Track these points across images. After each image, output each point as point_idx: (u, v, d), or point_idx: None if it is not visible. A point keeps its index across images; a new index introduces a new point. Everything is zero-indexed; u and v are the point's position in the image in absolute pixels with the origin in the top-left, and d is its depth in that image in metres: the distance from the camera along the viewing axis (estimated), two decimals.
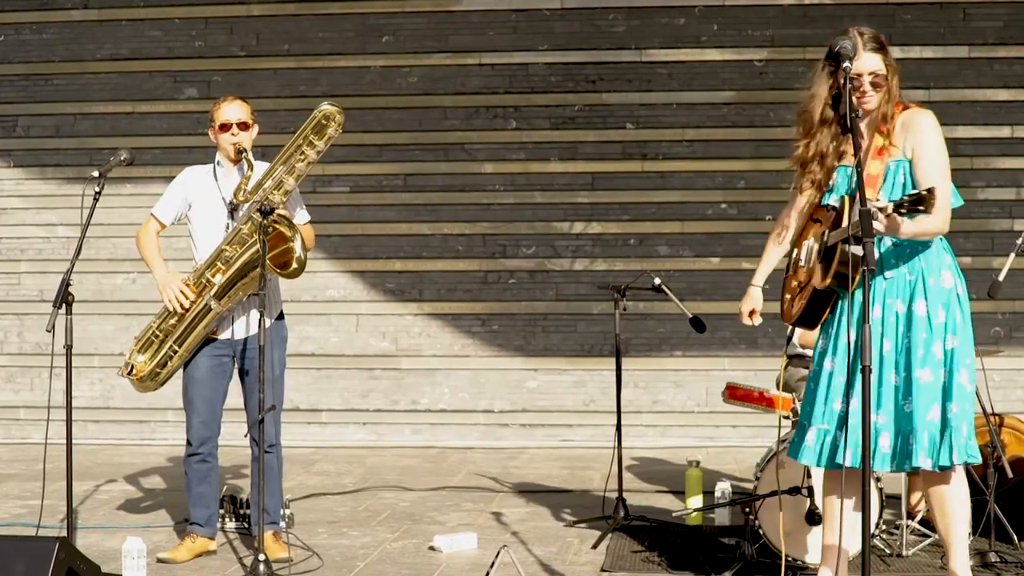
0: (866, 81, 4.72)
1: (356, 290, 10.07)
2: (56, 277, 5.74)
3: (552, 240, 9.93)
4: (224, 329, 6.07)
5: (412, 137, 10.02)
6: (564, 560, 5.99)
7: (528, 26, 9.95)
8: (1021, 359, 9.45)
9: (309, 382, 9.99)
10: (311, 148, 5.91)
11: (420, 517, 7.06)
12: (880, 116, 4.73)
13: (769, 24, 9.73)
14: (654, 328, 9.77)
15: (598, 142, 9.90)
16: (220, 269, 5.93)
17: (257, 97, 9.41)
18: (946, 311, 4.67)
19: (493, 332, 9.97)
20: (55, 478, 6.86)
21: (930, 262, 4.70)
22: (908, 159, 4.67)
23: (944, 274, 4.71)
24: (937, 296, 4.67)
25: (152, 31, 10.19)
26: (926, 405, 4.60)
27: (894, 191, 4.66)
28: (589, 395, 9.85)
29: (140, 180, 9.86)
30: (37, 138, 10.29)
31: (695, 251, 9.80)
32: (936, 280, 4.69)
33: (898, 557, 5.80)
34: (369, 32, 10.07)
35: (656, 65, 9.85)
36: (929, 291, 4.67)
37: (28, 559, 4.80)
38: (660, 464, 8.86)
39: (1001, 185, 9.60)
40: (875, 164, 4.69)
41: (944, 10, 9.64)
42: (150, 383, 6.11)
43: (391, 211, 10.03)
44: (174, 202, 6.14)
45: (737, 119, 9.79)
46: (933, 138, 4.67)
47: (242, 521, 6.57)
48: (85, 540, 6.30)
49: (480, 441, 9.85)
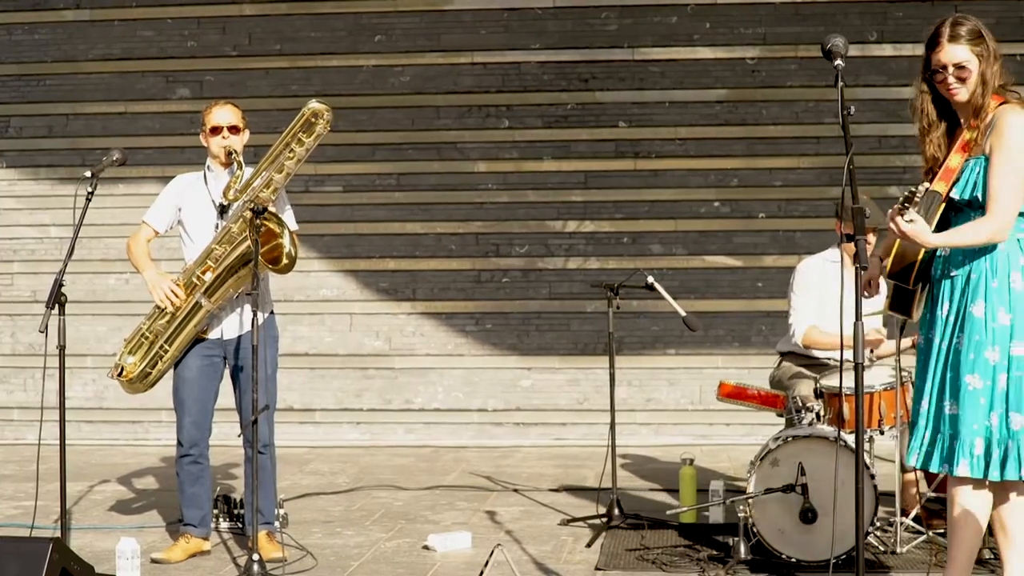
0: (949, 74, 4.54)
1: (349, 289, 10.06)
2: (49, 278, 5.74)
3: (545, 239, 9.93)
4: (214, 328, 6.08)
5: (405, 136, 10.01)
6: (558, 559, 5.99)
7: (520, 25, 9.95)
8: None
9: (303, 382, 9.98)
10: (300, 146, 5.92)
11: (414, 516, 7.06)
12: (972, 109, 4.53)
13: (761, 22, 9.73)
14: (647, 326, 9.77)
15: (591, 141, 9.90)
16: (210, 267, 5.94)
17: (250, 97, 9.46)
18: (1012, 315, 4.42)
19: (486, 331, 9.97)
20: (48, 479, 6.86)
21: (996, 263, 4.46)
22: (986, 156, 4.47)
23: (1014, 275, 4.44)
24: (1000, 298, 4.43)
25: (144, 31, 10.17)
26: (974, 411, 4.40)
27: (965, 189, 4.49)
28: (583, 394, 9.85)
29: (133, 180, 9.86)
30: (30, 138, 10.27)
31: (688, 249, 9.80)
32: (1001, 282, 4.44)
33: (892, 554, 5.81)
34: (361, 31, 10.06)
35: (648, 63, 9.86)
36: (990, 293, 4.44)
37: (22, 560, 4.80)
38: (654, 462, 8.87)
39: None
40: (955, 158, 4.51)
41: (936, 7, 9.63)
42: (139, 385, 6.11)
43: (384, 210, 10.02)
44: (166, 209, 6.16)
45: (730, 117, 9.79)
46: (1011, 138, 4.41)
47: (236, 521, 6.57)
48: (79, 541, 6.29)
49: (474, 440, 9.85)
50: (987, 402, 4.41)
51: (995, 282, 4.45)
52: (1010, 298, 4.43)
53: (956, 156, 4.53)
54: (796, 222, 9.60)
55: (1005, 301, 4.43)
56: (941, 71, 4.54)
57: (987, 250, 4.46)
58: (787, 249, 9.61)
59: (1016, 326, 4.42)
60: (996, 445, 4.40)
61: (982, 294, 4.45)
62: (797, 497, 5.53)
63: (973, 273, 4.48)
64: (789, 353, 6.77)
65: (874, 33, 9.52)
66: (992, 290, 4.44)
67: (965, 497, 4.49)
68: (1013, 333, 4.42)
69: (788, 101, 9.74)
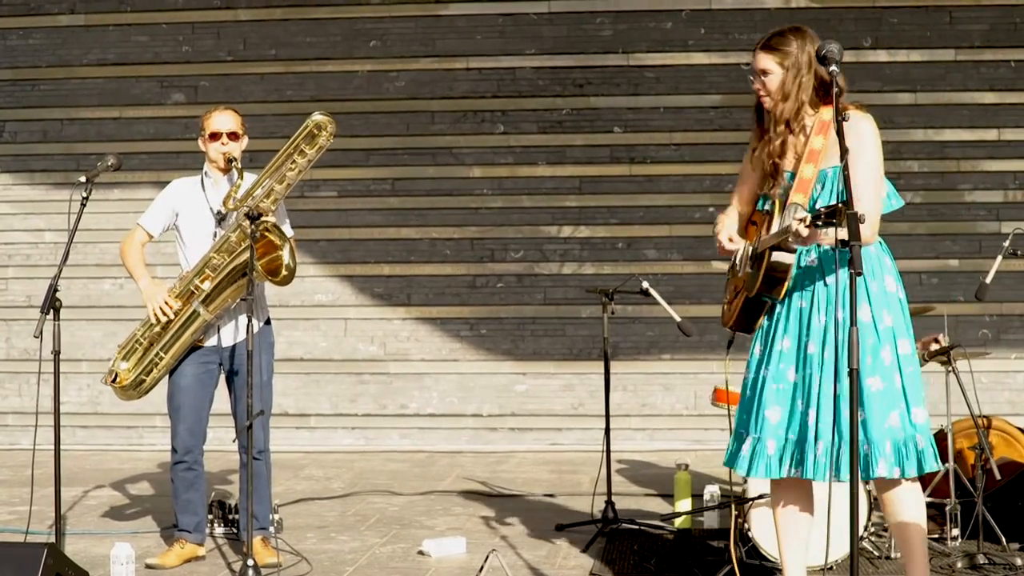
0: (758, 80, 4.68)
1: (344, 294, 10.06)
2: (44, 283, 5.73)
3: (540, 244, 9.93)
4: (210, 336, 6.07)
5: (400, 141, 10.02)
6: (553, 564, 5.99)
7: (515, 30, 9.96)
8: (1008, 361, 9.48)
9: (298, 387, 9.98)
10: (302, 157, 5.91)
11: (409, 521, 7.06)
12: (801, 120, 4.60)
13: (756, 27, 9.73)
14: (642, 331, 9.78)
15: (586, 146, 9.91)
16: (208, 276, 5.93)
17: (244, 102, 9.45)
18: (893, 315, 4.53)
19: (481, 336, 9.97)
20: (43, 484, 6.86)
21: (871, 267, 4.54)
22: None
23: (887, 278, 4.56)
24: (880, 301, 4.52)
25: (139, 36, 10.17)
26: (882, 413, 4.45)
27: (831, 197, 4.52)
28: (578, 399, 9.85)
29: (128, 185, 9.85)
30: (24, 143, 10.27)
31: (683, 254, 9.81)
32: (879, 285, 4.54)
33: (886, 559, 5.81)
34: (356, 36, 10.07)
35: (643, 69, 9.87)
36: (872, 296, 4.51)
37: (16, 565, 4.79)
38: (649, 467, 8.87)
39: (988, 188, 9.62)
40: (808, 168, 4.54)
41: (930, 13, 9.66)
42: (133, 392, 6.10)
43: (379, 215, 10.02)
44: (162, 213, 6.14)
45: (724, 122, 9.80)
46: (868, 143, 4.50)
47: (231, 527, 6.57)
48: (73, 546, 6.28)
49: (469, 445, 9.85)
50: (892, 401, 4.47)
51: (874, 285, 4.53)
52: (887, 300, 4.53)
53: (809, 167, 4.55)
54: None
55: (884, 303, 4.52)
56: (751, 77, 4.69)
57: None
58: None
59: (897, 326, 4.52)
60: (905, 443, 4.46)
61: (865, 298, 4.50)
62: None
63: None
64: None
65: (869, 39, 9.53)
66: (874, 293, 4.53)
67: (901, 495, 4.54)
68: (896, 333, 4.52)
69: None
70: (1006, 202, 9.59)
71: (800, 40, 4.66)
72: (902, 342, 4.52)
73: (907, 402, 4.49)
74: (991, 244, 9.25)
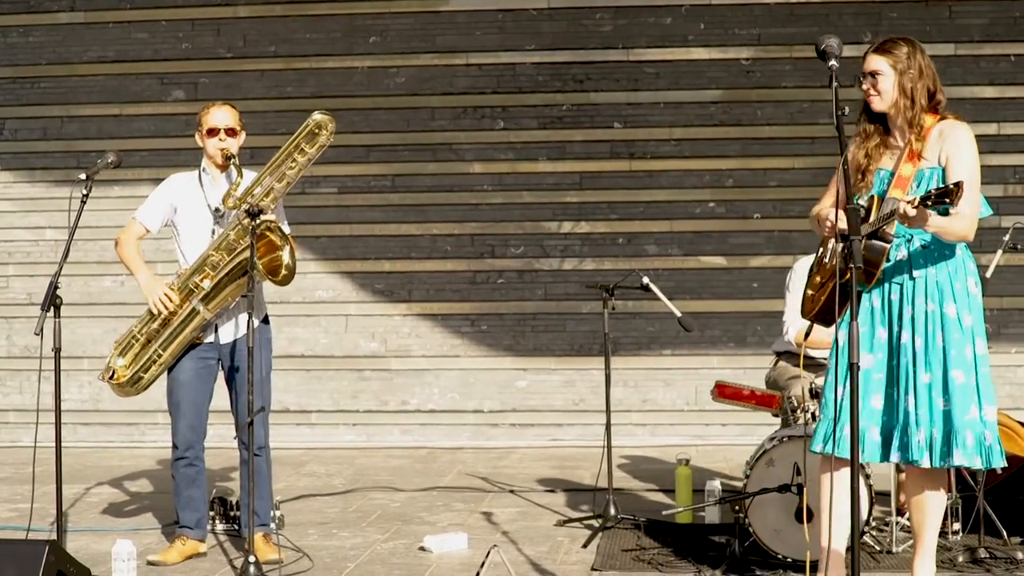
0: (868, 81, 4.81)
1: (345, 291, 10.06)
2: (44, 280, 5.73)
3: (540, 240, 9.93)
4: (209, 334, 6.07)
5: (400, 138, 10.02)
6: (554, 559, 5.99)
7: (515, 26, 9.95)
8: (1008, 355, 9.49)
9: (298, 383, 9.98)
10: (302, 155, 5.90)
11: (410, 518, 7.06)
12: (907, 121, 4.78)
13: (756, 22, 9.74)
14: (643, 327, 9.78)
15: (586, 141, 9.91)
16: (208, 274, 5.92)
17: (244, 99, 9.47)
18: (973, 316, 4.77)
19: (482, 332, 9.97)
20: (44, 481, 6.86)
21: (956, 267, 4.78)
22: (941, 167, 4.74)
23: (969, 280, 4.79)
24: (964, 300, 4.76)
25: (139, 33, 10.17)
26: (964, 405, 4.68)
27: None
28: (579, 394, 9.85)
29: (128, 182, 9.85)
30: (24, 141, 10.27)
31: (683, 250, 9.81)
32: (963, 285, 4.77)
33: (888, 554, 5.81)
34: (356, 33, 10.06)
35: (643, 64, 9.86)
36: (957, 294, 4.75)
37: (18, 562, 4.79)
38: (650, 463, 8.87)
39: (988, 182, 9.47)
40: (907, 167, 4.75)
41: (930, 8, 9.66)
42: (130, 388, 6.10)
43: (379, 212, 10.02)
44: (159, 208, 6.12)
45: (724, 118, 9.80)
46: (967, 149, 4.73)
47: (232, 523, 6.57)
48: (75, 543, 6.29)
49: (470, 441, 9.85)
50: (970, 395, 4.71)
51: (958, 284, 4.77)
52: (969, 300, 4.77)
53: (908, 165, 4.76)
54: (791, 222, 9.60)
55: (967, 303, 4.77)
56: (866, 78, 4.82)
57: (948, 255, 4.76)
58: (782, 249, 9.61)
59: (976, 326, 4.78)
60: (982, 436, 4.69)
61: (951, 296, 4.75)
62: (793, 497, 5.53)
63: (938, 276, 4.77)
64: (785, 353, 6.78)
65: (868, 33, 9.51)
66: (958, 292, 4.76)
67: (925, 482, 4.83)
68: (976, 332, 4.77)
69: (783, 102, 9.75)
70: (1006, 196, 9.59)
71: (911, 48, 4.82)
72: (979, 342, 4.77)
73: (980, 399, 4.71)
74: (991, 238, 9.22)
